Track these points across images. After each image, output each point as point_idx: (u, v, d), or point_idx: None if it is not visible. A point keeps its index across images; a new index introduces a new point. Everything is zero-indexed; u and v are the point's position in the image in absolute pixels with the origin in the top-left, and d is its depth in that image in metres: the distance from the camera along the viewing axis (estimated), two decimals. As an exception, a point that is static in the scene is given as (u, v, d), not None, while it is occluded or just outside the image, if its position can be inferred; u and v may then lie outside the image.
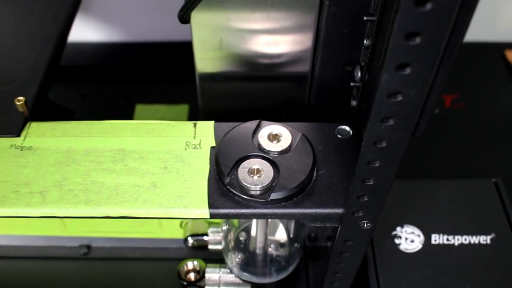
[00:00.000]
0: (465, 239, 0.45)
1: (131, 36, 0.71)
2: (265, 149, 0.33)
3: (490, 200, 0.48)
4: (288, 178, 0.32)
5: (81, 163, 0.34)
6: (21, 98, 0.36)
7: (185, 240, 0.45)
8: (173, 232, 0.47)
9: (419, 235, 0.45)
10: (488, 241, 0.45)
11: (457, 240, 0.45)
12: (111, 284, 0.48)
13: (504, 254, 0.44)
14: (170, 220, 0.45)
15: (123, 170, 0.33)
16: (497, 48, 0.75)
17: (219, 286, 0.43)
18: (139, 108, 0.62)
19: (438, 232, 0.45)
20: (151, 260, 0.49)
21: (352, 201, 0.30)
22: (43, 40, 0.41)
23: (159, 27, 0.69)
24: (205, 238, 0.45)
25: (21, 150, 0.34)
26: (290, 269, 0.42)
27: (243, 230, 0.43)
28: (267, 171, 0.32)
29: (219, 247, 0.45)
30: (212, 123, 0.36)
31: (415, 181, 0.49)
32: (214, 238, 0.44)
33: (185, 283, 0.43)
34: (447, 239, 0.45)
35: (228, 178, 0.32)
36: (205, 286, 0.43)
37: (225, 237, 0.43)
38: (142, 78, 0.67)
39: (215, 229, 0.45)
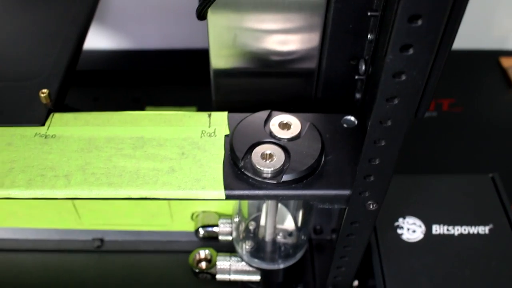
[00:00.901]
0: (464, 230, 0.47)
1: (140, 44, 0.74)
2: (276, 136, 0.35)
3: (487, 193, 0.50)
4: (299, 161, 0.34)
5: (102, 149, 0.36)
6: (45, 90, 0.38)
7: (196, 231, 0.47)
8: (184, 224, 0.49)
9: (420, 226, 0.47)
10: (487, 231, 0.47)
11: (457, 230, 0.47)
12: (123, 276, 0.49)
13: (502, 243, 0.46)
14: (182, 212, 0.48)
15: (143, 156, 0.35)
16: (492, 55, 0.78)
17: (229, 273, 0.44)
18: (148, 110, 0.64)
19: (439, 223, 0.47)
20: (162, 252, 0.51)
21: (359, 181, 0.32)
22: (63, 39, 0.44)
23: (166, 36, 0.72)
24: (215, 229, 0.46)
25: (45, 138, 0.37)
26: (298, 256, 0.44)
27: (253, 220, 0.45)
28: (279, 156, 0.34)
29: (229, 237, 0.46)
30: (225, 113, 0.38)
31: (416, 176, 0.52)
32: (224, 229, 0.46)
33: (197, 270, 0.44)
34: (447, 230, 0.47)
35: (242, 162, 0.34)
36: (216, 273, 0.44)
37: (236, 228, 0.45)
38: (151, 83, 0.70)
39: (225, 220, 0.46)
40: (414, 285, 0.43)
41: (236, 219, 0.45)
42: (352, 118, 0.38)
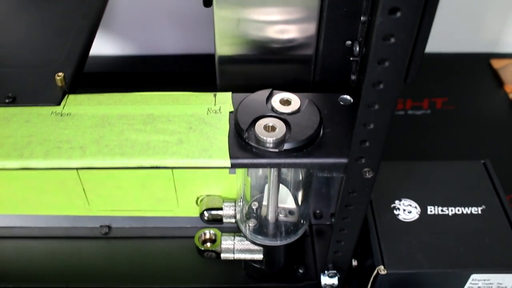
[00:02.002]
0: (458, 210, 0.49)
1: (143, 49, 0.77)
2: (278, 110, 0.38)
3: (480, 178, 0.52)
4: (299, 132, 0.36)
5: (115, 125, 0.38)
6: (60, 73, 0.41)
7: (201, 214, 0.48)
8: (190, 209, 0.51)
9: (416, 207, 0.49)
10: (479, 212, 0.49)
11: (451, 211, 0.49)
12: (130, 261, 0.51)
13: (494, 222, 0.48)
14: (187, 196, 0.50)
15: (153, 130, 0.38)
16: (483, 58, 0.81)
17: (233, 253, 0.46)
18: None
19: (433, 205, 0.49)
20: (168, 238, 0.53)
21: (355, 147, 0.34)
22: (76, 32, 0.47)
23: (170, 41, 0.76)
24: (219, 212, 0.48)
25: (61, 116, 0.39)
26: (299, 232, 0.45)
27: (255, 200, 0.47)
28: (280, 127, 0.36)
29: (233, 220, 0.48)
30: (230, 93, 0.41)
31: (410, 163, 0.54)
32: (228, 212, 0.48)
33: (202, 248, 0.46)
34: (442, 210, 0.49)
35: (246, 133, 0.36)
36: (221, 252, 0.46)
37: (240, 209, 0.47)
38: (154, 84, 0.73)
39: (229, 204, 0.48)
40: (411, 261, 0.45)
41: (240, 202, 0.47)
42: (348, 97, 0.40)
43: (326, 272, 0.46)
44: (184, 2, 0.74)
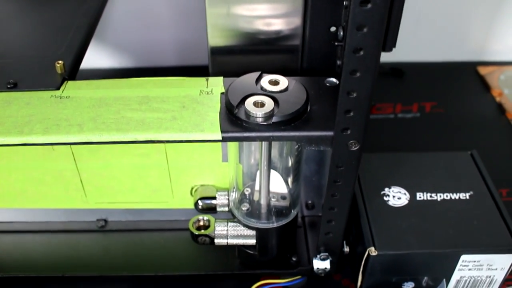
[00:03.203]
0: (447, 196, 0.50)
1: (140, 62, 0.80)
2: (266, 89, 0.40)
3: (467, 167, 0.54)
4: (287, 108, 0.38)
5: (112, 105, 0.40)
6: (60, 61, 0.43)
7: (196, 203, 0.50)
8: (184, 200, 0.52)
9: (405, 194, 0.50)
10: (467, 197, 0.50)
11: (439, 196, 0.50)
12: (126, 253, 0.52)
13: (482, 206, 0.49)
14: (181, 186, 0.51)
15: (148, 109, 0.39)
16: (470, 66, 0.84)
17: (227, 238, 0.47)
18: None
19: (422, 191, 0.51)
20: (163, 230, 0.54)
21: (340, 117, 0.36)
22: (76, 28, 0.49)
23: (166, 54, 0.78)
24: (213, 201, 0.50)
25: (60, 98, 0.41)
26: (291, 215, 0.46)
27: (248, 187, 0.48)
28: (269, 103, 0.38)
29: (226, 209, 0.49)
30: (221, 77, 0.43)
31: (399, 154, 0.56)
32: (221, 201, 0.49)
33: (196, 233, 0.47)
34: (430, 196, 0.50)
35: (237, 109, 0.38)
36: (214, 237, 0.47)
37: (233, 196, 0.48)
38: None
39: (222, 193, 0.50)
40: (401, 242, 0.46)
41: (233, 189, 0.48)
42: (334, 79, 0.42)
43: (318, 255, 0.47)
44: (182, 14, 0.77)
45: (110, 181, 0.50)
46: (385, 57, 0.79)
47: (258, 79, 0.41)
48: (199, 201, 0.50)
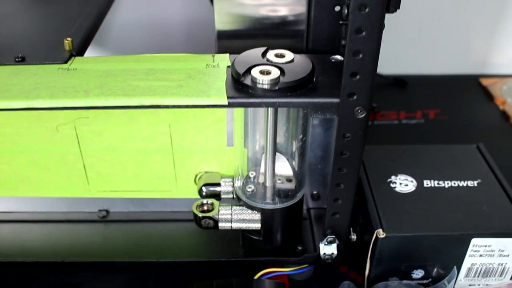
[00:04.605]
0: (454, 183, 0.49)
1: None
2: (273, 61, 0.40)
3: (474, 158, 0.53)
4: (293, 75, 0.38)
5: (118, 76, 0.40)
6: (68, 38, 0.44)
7: (200, 190, 0.49)
8: (188, 189, 0.51)
9: (412, 181, 0.50)
10: (475, 185, 0.49)
11: (447, 184, 0.49)
12: (128, 239, 0.51)
13: (491, 193, 0.48)
14: (185, 173, 0.50)
15: (154, 79, 0.40)
16: (472, 78, 0.85)
17: (231, 222, 0.46)
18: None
19: (429, 179, 0.50)
20: (166, 221, 0.53)
21: (346, 80, 0.36)
22: (85, 14, 0.50)
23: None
24: (217, 188, 0.49)
25: (67, 70, 0.41)
26: (297, 197, 0.46)
27: (253, 171, 0.48)
28: (275, 72, 0.38)
29: (230, 196, 0.49)
30: (227, 54, 0.43)
31: (404, 146, 0.55)
32: (226, 188, 0.49)
33: (200, 215, 0.46)
34: (438, 183, 0.49)
35: (243, 77, 0.38)
36: (218, 221, 0.46)
37: (238, 180, 0.48)
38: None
39: (226, 179, 0.49)
40: (409, 225, 0.45)
41: (238, 174, 0.48)
42: (339, 57, 0.43)
43: (324, 239, 0.46)
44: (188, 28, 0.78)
45: (113, 167, 0.50)
46: (389, 69, 0.81)
47: (264, 53, 0.41)
48: (203, 188, 0.49)
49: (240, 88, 0.38)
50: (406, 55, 0.85)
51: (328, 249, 0.46)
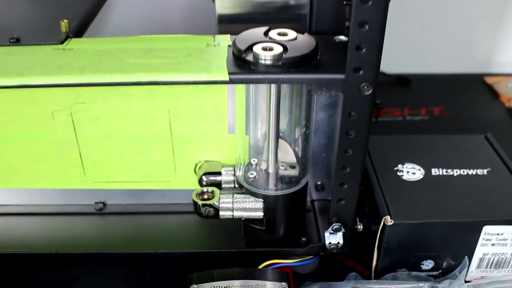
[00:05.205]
0: (463, 172, 0.48)
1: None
2: (275, 39, 0.39)
3: (482, 147, 0.52)
4: (296, 51, 0.37)
5: (116, 55, 0.39)
6: (65, 20, 0.42)
7: (200, 179, 0.47)
8: (188, 180, 0.49)
9: (419, 169, 0.48)
10: (485, 173, 0.48)
11: (456, 172, 0.48)
12: (125, 232, 0.49)
13: (502, 181, 0.47)
14: (185, 163, 0.49)
15: (153, 57, 0.38)
16: (477, 77, 0.84)
17: (233, 210, 0.44)
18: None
19: (437, 167, 0.48)
20: (165, 213, 0.51)
21: (352, 54, 0.35)
22: (81, 3, 0.49)
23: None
24: (218, 177, 0.47)
25: (63, 50, 0.40)
26: (300, 184, 0.44)
27: (255, 158, 0.46)
28: (278, 48, 0.37)
29: (232, 185, 0.47)
30: (228, 35, 0.42)
31: (410, 136, 0.54)
32: (227, 178, 0.47)
33: (199, 203, 0.44)
34: (446, 172, 0.48)
35: (244, 54, 0.37)
36: (219, 208, 0.44)
37: (240, 168, 0.46)
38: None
39: (228, 168, 0.47)
40: (418, 212, 0.43)
41: (239, 163, 0.46)
42: (343, 37, 0.42)
43: (330, 227, 0.44)
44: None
45: (110, 156, 0.48)
46: (393, 68, 0.80)
47: (266, 33, 0.40)
48: (203, 177, 0.47)
49: (242, 64, 0.37)
50: (409, 54, 0.84)
51: (333, 238, 0.44)
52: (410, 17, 0.81)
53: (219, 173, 0.47)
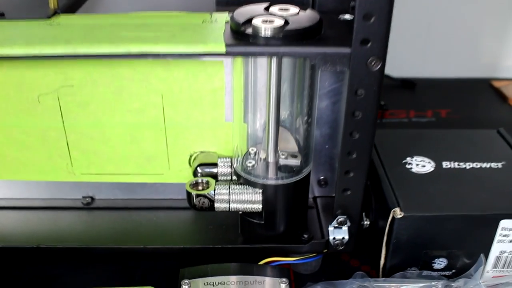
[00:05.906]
0: (476, 165, 0.45)
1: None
2: (277, 13, 0.36)
3: (495, 141, 0.49)
4: (298, 24, 0.34)
5: (105, 28, 0.36)
6: (54, -4, 0.40)
7: (194, 171, 0.44)
8: (182, 172, 0.46)
9: (429, 162, 0.45)
10: (500, 166, 0.45)
11: (468, 165, 0.45)
12: (113, 227, 0.45)
13: (518, 175, 0.44)
14: (179, 154, 0.46)
15: (145, 30, 0.36)
16: (484, 81, 0.81)
17: (229, 202, 0.41)
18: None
19: (448, 160, 0.45)
20: (157, 209, 0.47)
21: (359, 24, 0.32)
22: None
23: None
24: (214, 169, 0.44)
25: (50, 25, 0.37)
26: (302, 173, 0.41)
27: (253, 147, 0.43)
28: (279, 21, 0.35)
29: (228, 178, 0.44)
30: (226, 12, 0.39)
31: (419, 130, 0.51)
32: (224, 170, 0.44)
33: (193, 193, 0.41)
34: (458, 165, 0.45)
35: (243, 26, 0.34)
36: (214, 200, 0.41)
37: (236, 159, 0.43)
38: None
39: (224, 159, 0.44)
40: (430, 204, 0.40)
41: (237, 153, 0.43)
42: (348, 16, 0.39)
43: (335, 220, 0.41)
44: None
45: (99, 145, 0.45)
46: (398, 72, 0.78)
47: (267, 8, 0.38)
48: (198, 168, 0.44)
49: (240, 37, 0.34)
50: (415, 58, 0.82)
51: (338, 233, 0.41)
52: (416, 21, 0.79)
53: (215, 165, 0.44)
